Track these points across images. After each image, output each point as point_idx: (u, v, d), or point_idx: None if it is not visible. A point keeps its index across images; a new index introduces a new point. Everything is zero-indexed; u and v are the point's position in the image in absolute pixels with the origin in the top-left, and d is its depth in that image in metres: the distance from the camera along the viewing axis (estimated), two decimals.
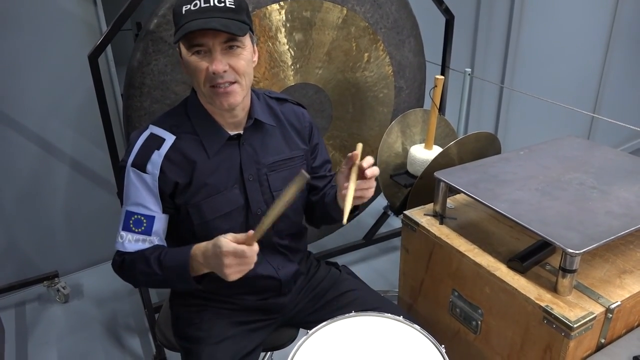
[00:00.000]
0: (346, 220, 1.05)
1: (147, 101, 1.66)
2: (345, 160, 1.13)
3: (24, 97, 2.12)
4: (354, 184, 1.10)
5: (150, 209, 1.18)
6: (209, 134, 1.20)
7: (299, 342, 1.13)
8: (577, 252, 1.11)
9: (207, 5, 1.08)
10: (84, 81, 1.95)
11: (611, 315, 1.15)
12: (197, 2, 1.09)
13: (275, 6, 1.77)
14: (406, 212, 1.52)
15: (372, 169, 1.11)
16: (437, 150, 1.92)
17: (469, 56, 2.99)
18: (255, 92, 1.28)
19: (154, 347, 2.04)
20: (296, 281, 1.39)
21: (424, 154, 1.92)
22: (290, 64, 1.88)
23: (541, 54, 3.14)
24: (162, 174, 1.17)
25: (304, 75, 1.92)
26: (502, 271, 1.25)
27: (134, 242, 1.17)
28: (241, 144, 1.23)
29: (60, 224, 2.39)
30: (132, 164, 1.17)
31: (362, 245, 2.55)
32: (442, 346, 1.12)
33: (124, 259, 1.18)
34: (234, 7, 1.10)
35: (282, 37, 1.82)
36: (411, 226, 1.50)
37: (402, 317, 1.21)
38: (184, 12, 1.09)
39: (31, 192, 2.27)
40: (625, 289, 1.20)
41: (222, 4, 1.09)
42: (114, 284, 2.35)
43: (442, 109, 2.22)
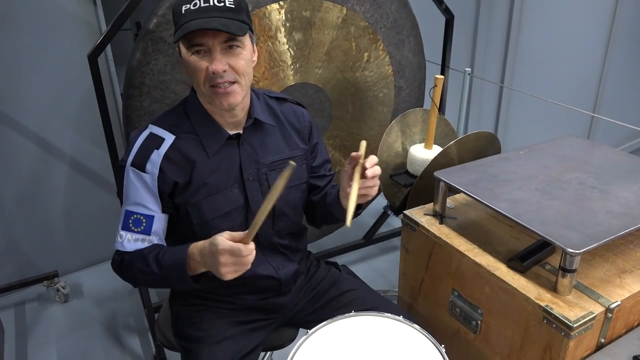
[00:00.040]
0: (350, 222, 1.05)
1: (146, 101, 1.66)
2: (348, 159, 1.13)
3: (23, 97, 2.11)
4: (357, 184, 1.10)
5: (149, 209, 1.18)
6: (208, 134, 1.20)
7: (299, 342, 1.13)
8: (577, 251, 1.11)
9: (207, 5, 1.08)
10: (84, 81, 1.95)
11: (611, 315, 1.15)
12: (197, 1, 1.08)
13: (274, 6, 1.77)
14: (406, 212, 1.52)
15: (372, 169, 1.11)
16: (437, 149, 1.92)
17: (469, 56, 2.99)
18: (254, 92, 1.28)
19: (154, 347, 2.04)
20: (296, 281, 1.39)
21: (423, 153, 1.92)
22: (290, 63, 1.87)
23: (541, 53, 3.13)
24: (162, 173, 1.16)
25: (303, 74, 1.92)
26: (502, 271, 1.25)
27: (133, 241, 1.17)
28: (241, 144, 1.23)
29: (60, 224, 2.39)
30: (132, 164, 1.17)
31: (362, 245, 2.55)
32: (442, 346, 1.12)
33: (123, 258, 1.18)
34: (233, 6, 1.10)
35: (281, 37, 1.82)
36: (411, 226, 1.50)
37: (402, 317, 1.21)
38: (183, 12, 1.09)
39: (31, 191, 2.27)
40: (625, 288, 1.20)
41: (221, 4, 1.09)
42: (113, 283, 2.35)
43: (442, 108, 2.22)
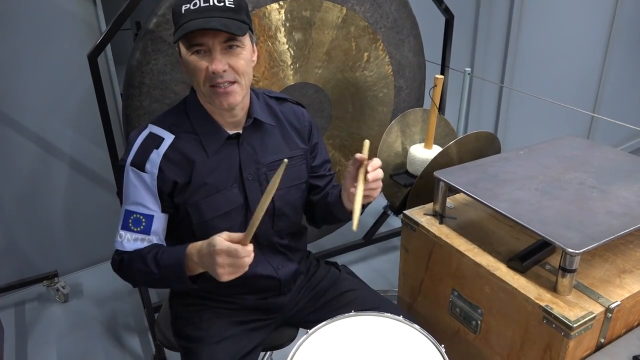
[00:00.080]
0: (357, 225, 1.04)
1: (146, 100, 1.66)
2: (352, 160, 1.13)
3: (23, 97, 2.11)
4: (362, 185, 1.10)
5: (149, 208, 1.18)
6: (208, 134, 1.20)
7: (299, 342, 1.13)
8: (576, 251, 1.11)
9: (207, 4, 1.08)
10: (84, 80, 1.95)
11: (611, 315, 1.15)
12: (197, 1, 1.08)
13: (274, 5, 1.76)
14: (406, 212, 1.52)
15: (375, 173, 1.11)
16: (436, 149, 1.92)
17: (469, 56, 2.99)
18: (254, 92, 1.28)
19: (154, 347, 2.04)
20: (296, 281, 1.39)
21: (423, 153, 1.92)
22: (289, 63, 1.87)
23: (541, 53, 3.13)
24: (161, 173, 1.16)
25: (303, 74, 1.92)
26: (502, 271, 1.25)
27: (132, 241, 1.17)
28: (240, 144, 1.23)
29: (59, 224, 2.39)
30: (131, 163, 1.17)
31: (362, 244, 2.55)
32: (442, 346, 1.12)
33: (122, 257, 1.18)
34: (233, 6, 1.10)
35: (281, 37, 1.82)
36: (411, 226, 1.50)
37: (402, 317, 1.20)
38: (183, 12, 1.09)
39: (31, 191, 2.27)
40: (625, 288, 1.20)
41: (221, 4, 1.09)
42: (113, 283, 2.35)
43: (441, 108, 2.22)
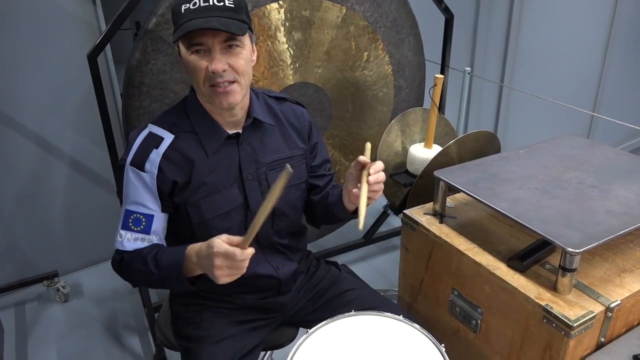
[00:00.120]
0: (362, 225, 1.06)
1: (146, 100, 1.66)
2: (354, 162, 1.14)
3: (23, 97, 2.11)
4: (365, 186, 1.10)
5: (149, 208, 1.18)
6: (207, 133, 1.20)
7: (299, 342, 1.13)
8: (576, 251, 1.11)
9: (207, 4, 1.08)
10: (83, 80, 1.95)
11: (611, 314, 1.15)
12: (197, 1, 1.08)
13: (274, 5, 1.76)
14: (406, 211, 1.52)
15: (376, 175, 1.12)
16: (436, 149, 1.92)
17: (469, 55, 2.99)
18: (254, 91, 1.28)
19: (154, 347, 2.04)
20: (296, 280, 1.39)
21: (423, 153, 1.92)
22: (289, 63, 1.87)
23: (541, 52, 3.13)
24: (161, 172, 1.16)
25: (303, 74, 1.92)
26: (501, 270, 1.25)
27: (132, 240, 1.17)
28: (240, 143, 1.23)
29: (59, 224, 2.39)
30: (131, 163, 1.17)
31: (362, 244, 2.55)
32: (442, 345, 1.12)
33: (122, 257, 1.18)
34: (233, 6, 1.10)
35: (281, 36, 1.82)
36: (411, 225, 1.50)
37: (402, 316, 1.21)
38: (183, 11, 1.09)
39: (30, 191, 2.27)
40: (625, 287, 1.20)
41: (221, 3, 1.09)
42: (113, 283, 2.35)
43: (441, 108, 2.22)
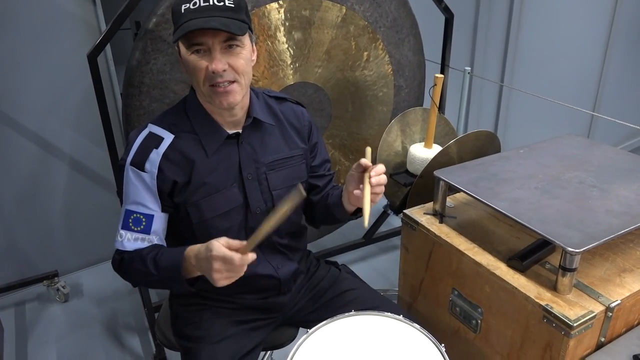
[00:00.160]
0: (367, 222, 1.07)
1: (146, 100, 1.66)
2: (355, 165, 1.14)
3: (23, 97, 2.11)
4: (368, 186, 1.11)
5: (149, 208, 1.18)
6: (207, 133, 1.20)
7: (299, 341, 1.13)
8: (577, 250, 1.11)
9: (207, 4, 1.08)
10: (83, 80, 1.94)
11: (611, 314, 1.15)
12: (197, 1, 1.08)
13: (274, 5, 1.76)
14: (406, 211, 1.52)
15: (378, 178, 1.12)
16: (436, 149, 1.92)
17: (469, 55, 2.99)
18: (254, 91, 1.27)
19: (154, 347, 2.04)
20: (296, 280, 1.39)
21: (423, 152, 1.92)
22: (289, 62, 1.87)
23: (541, 52, 3.13)
24: (161, 172, 1.16)
25: (303, 74, 1.92)
26: (502, 270, 1.25)
27: (133, 240, 1.17)
28: (240, 143, 1.23)
29: (59, 223, 2.39)
30: (131, 163, 1.17)
31: (362, 244, 2.55)
32: (442, 345, 1.12)
33: (123, 257, 1.18)
34: (233, 6, 1.10)
35: (281, 36, 1.82)
36: (411, 225, 1.50)
37: (402, 316, 1.20)
38: (183, 11, 1.09)
39: (30, 191, 2.27)
40: (625, 287, 1.20)
41: (221, 3, 1.09)
42: (113, 283, 2.35)
43: (441, 107, 2.22)
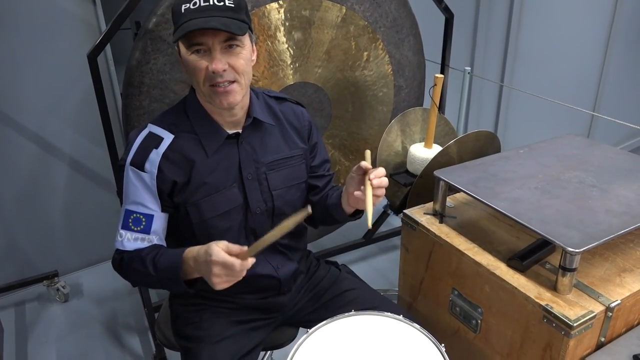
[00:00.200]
0: (371, 223, 1.08)
1: (146, 100, 1.66)
2: (355, 167, 1.14)
3: (23, 97, 2.11)
4: (369, 188, 1.11)
5: (149, 208, 1.18)
6: (207, 133, 1.20)
7: (299, 341, 1.13)
8: (577, 250, 1.11)
9: (207, 4, 1.08)
10: (83, 80, 1.94)
11: (611, 313, 1.15)
12: (197, 1, 1.08)
13: (274, 5, 1.76)
14: (406, 211, 1.52)
15: (378, 180, 1.12)
16: (436, 149, 1.92)
17: (469, 55, 2.99)
18: (254, 91, 1.28)
19: (154, 347, 2.04)
20: (296, 280, 1.39)
21: (423, 152, 1.92)
22: (289, 62, 1.87)
23: (541, 52, 3.13)
24: (160, 172, 1.16)
25: (303, 74, 1.92)
26: (501, 270, 1.25)
27: (132, 240, 1.17)
28: (240, 143, 1.23)
29: (59, 223, 2.39)
30: (131, 163, 1.17)
31: (362, 244, 2.55)
32: (442, 345, 1.12)
33: (122, 257, 1.18)
34: (233, 6, 1.10)
35: (281, 36, 1.82)
36: (411, 225, 1.50)
37: (402, 316, 1.20)
38: (183, 11, 1.09)
39: (30, 191, 2.27)
40: (625, 287, 1.20)
41: (221, 3, 1.09)
42: (113, 283, 2.35)
43: (441, 107, 2.22)
